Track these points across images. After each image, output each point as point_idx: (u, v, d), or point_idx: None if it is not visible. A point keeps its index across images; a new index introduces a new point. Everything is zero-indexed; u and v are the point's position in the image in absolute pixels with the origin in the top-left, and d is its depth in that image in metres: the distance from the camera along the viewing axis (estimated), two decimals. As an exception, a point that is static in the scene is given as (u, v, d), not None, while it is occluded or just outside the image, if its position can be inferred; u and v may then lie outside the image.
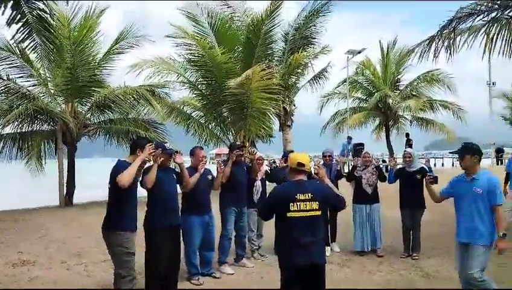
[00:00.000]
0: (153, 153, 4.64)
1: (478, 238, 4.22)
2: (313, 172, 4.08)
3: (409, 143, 22.14)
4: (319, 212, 3.69)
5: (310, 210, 3.64)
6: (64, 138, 13.79)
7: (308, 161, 3.86)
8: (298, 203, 3.63)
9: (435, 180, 4.78)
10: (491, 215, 4.23)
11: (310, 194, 3.66)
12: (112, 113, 15.00)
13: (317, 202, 3.67)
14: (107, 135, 14.86)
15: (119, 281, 4.35)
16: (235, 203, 6.44)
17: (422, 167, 7.07)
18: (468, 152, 4.38)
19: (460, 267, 4.44)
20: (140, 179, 4.78)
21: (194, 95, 17.02)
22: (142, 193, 4.92)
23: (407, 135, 23.71)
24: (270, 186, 6.10)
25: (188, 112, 17.47)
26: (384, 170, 22.23)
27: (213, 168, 6.46)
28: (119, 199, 4.35)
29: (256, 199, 6.84)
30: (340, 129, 26.28)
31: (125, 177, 4.20)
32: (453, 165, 36.73)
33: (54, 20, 9.73)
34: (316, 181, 4.07)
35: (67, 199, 13.55)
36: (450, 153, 6.49)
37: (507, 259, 6.43)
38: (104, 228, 4.46)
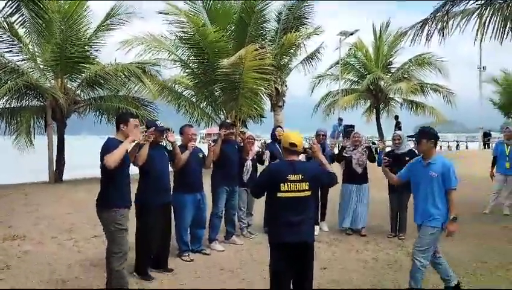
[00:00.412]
0: (144, 134, 4.64)
1: (429, 220, 4.36)
2: (306, 146, 4.10)
3: (398, 126, 22.30)
4: (309, 193, 3.73)
5: (300, 191, 3.68)
6: (53, 114, 13.68)
7: (300, 141, 3.87)
8: (289, 184, 3.67)
9: (390, 163, 4.88)
10: (445, 199, 4.34)
11: (301, 175, 3.70)
12: (102, 90, 14.87)
13: (307, 183, 3.71)
14: (97, 112, 14.76)
15: (111, 256, 4.39)
16: (227, 181, 6.49)
17: (411, 150, 7.15)
18: (425, 136, 4.45)
19: None
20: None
21: (186, 74, 16.86)
22: (134, 170, 4.93)
23: (396, 117, 23.81)
24: (261, 167, 6.17)
25: (179, 90, 17.34)
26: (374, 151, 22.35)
27: (204, 147, 6.47)
28: (112, 176, 4.32)
29: (245, 179, 6.89)
30: (331, 111, 26.35)
31: (111, 159, 4.15)
32: (441, 148, 37.26)
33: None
34: (308, 161, 4.11)
35: (56, 175, 13.51)
36: (408, 137, 6.65)
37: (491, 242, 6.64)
38: (98, 205, 4.45)
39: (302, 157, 4.03)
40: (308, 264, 3.80)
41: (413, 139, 4.63)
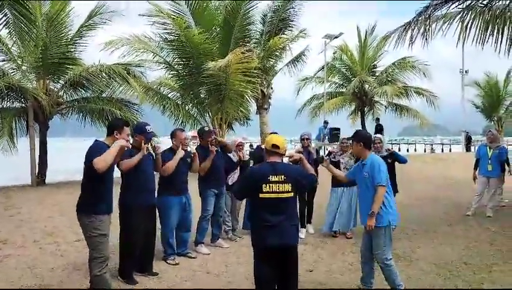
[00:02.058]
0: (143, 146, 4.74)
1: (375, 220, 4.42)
2: (287, 159, 4.14)
3: (378, 128, 22.45)
4: (291, 194, 3.72)
5: (282, 192, 3.67)
6: (36, 116, 13.44)
7: (283, 143, 3.87)
8: (270, 185, 3.66)
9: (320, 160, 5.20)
10: (386, 196, 4.42)
11: (283, 176, 3.69)
12: (85, 91, 14.63)
13: (290, 184, 3.70)
14: (81, 114, 14.53)
15: (91, 262, 4.31)
16: (215, 185, 6.46)
17: (393, 152, 7.24)
18: (355, 139, 4.63)
19: (362, 246, 4.77)
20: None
21: (171, 76, 16.75)
22: (116, 171, 4.85)
23: (377, 120, 24.03)
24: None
25: (164, 92, 17.21)
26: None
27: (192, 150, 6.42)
28: (95, 180, 4.22)
29: (231, 181, 6.88)
30: (316, 113, 26.48)
31: (101, 162, 4.06)
32: (425, 151, 37.74)
33: (24, -7, 9.35)
34: (290, 163, 4.12)
35: (39, 178, 13.27)
36: (346, 139, 6.84)
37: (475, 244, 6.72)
38: (78, 210, 4.34)
39: (285, 160, 4.03)
40: (292, 266, 3.79)
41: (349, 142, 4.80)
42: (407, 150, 35.96)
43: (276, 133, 7.47)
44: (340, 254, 6.33)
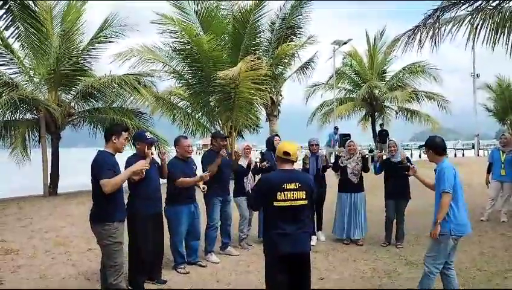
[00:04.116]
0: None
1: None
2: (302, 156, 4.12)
3: (383, 133, 22.26)
4: (305, 202, 3.70)
5: (297, 199, 3.66)
6: (48, 127, 13.61)
7: (295, 150, 3.84)
8: (285, 193, 3.64)
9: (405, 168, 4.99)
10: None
11: (297, 184, 3.67)
12: (96, 102, 14.81)
13: (304, 192, 3.69)
14: (92, 124, 14.68)
15: (107, 270, 4.32)
16: (220, 192, 6.43)
17: (407, 157, 7.15)
18: (426, 145, 4.55)
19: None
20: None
21: (180, 85, 16.85)
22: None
23: (381, 125, 23.85)
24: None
25: (174, 101, 17.32)
26: (370, 160, 22.25)
27: (198, 159, 6.43)
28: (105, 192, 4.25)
29: (248, 188, 6.84)
30: (326, 120, 26.37)
31: (110, 185, 4.14)
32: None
33: (36, 6, 9.51)
34: (303, 172, 4.10)
35: (51, 189, 13.40)
36: (419, 147, 6.68)
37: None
38: (92, 220, 4.36)
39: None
40: (305, 274, 3.76)
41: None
42: (419, 156, 35.58)
43: (278, 136, 7.47)
44: (352, 262, 6.25)
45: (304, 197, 3.69)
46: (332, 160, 21.44)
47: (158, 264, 5.42)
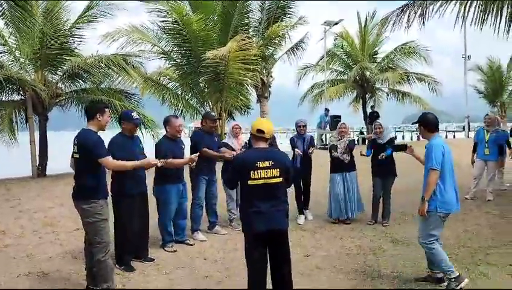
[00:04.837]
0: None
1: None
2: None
3: (374, 115, 22.36)
4: (280, 179, 3.71)
5: (270, 177, 3.66)
6: (35, 108, 13.43)
7: (269, 128, 3.83)
8: (259, 171, 3.65)
9: (402, 148, 4.92)
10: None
11: (270, 162, 3.68)
12: (84, 82, 14.59)
13: (277, 169, 3.69)
14: (80, 105, 14.49)
15: (93, 248, 4.31)
16: (206, 172, 6.44)
17: (392, 138, 7.23)
18: (419, 122, 4.56)
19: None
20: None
21: (169, 66, 16.68)
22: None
23: (372, 107, 23.96)
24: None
25: (163, 82, 17.16)
26: (361, 142, 22.33)
27: (187, 141, 6.40)
28: (91, 168, 4.26)
29: None
30: (318, 101, 26.28)
31: (114, 167, 4.50)
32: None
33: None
34: (277, 149, 4.10)
35: (39, 170, 13.30)
36: (412, 124, 6.58)
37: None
38: (75, 198, 4.35)
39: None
40: (283, 250, 3.80)
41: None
42: (411, 138, 35.71)
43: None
44: (339, 239, 6.32)
45: (278, 175, 3.69)
46: (323, 141, 21.58)
47: (144, 243, 5.44)
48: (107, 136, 4.76)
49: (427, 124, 4.48)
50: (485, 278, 4.61)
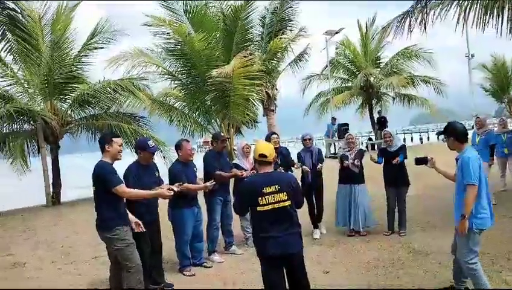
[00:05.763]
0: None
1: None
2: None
3: (381, 120, 22.36)
4: (288, 203, 3.69)
5: (278, 201, 3.66)
6: (46, 137, 13.61)
7: (271, 151, 3.84)
8: (266, 197, 3.64)
9: (423, 161, 4.75)
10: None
11: (277, 186, 3.67)
12: (93, 108, 14.79)
13: (285, 193, 3.68)
14: (90, 131, 14.68)
15: (126, 273, 4.39)
16: (221, 192, 6.48)
17: (403, 145, 7.19)
18: (446, 133, 4.29)
19: (453, 245, 4.42)
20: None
21: (175, 86, 16.85)
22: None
23: (379, 112, 23.91)
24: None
25: (170, 103, 17.30)
26: (370, 148, 22.23)
27: (200, 156, 6.46)
28: (108, 198, 4.36)
29: None
30: (324, 110, 26.26)
31: (128, 194, 4.47)
32: (438, 139, 37.00)
33: (24, 18, 9.54)
34: (283, 172, 4.09)
35: (54, 198, 13.43)
36: (437, 134, 6.38)
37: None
38: (99, 228, 4.45)
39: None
40: (299, 272, 3.80)
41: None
42: (421, 140, 35.43)
43: (275, 134, 7.43)
44: (356, 253, 6.29)
45: (286, 199, 3.68)
46: (331, 151, 21.53)
47: (159, 267, 5.44)
48: (123, 164, 4.84)
49: (458, 134, 4.20)
50: (507, 286, 4.56)
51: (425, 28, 8.20)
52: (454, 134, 4.22)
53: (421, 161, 4.77)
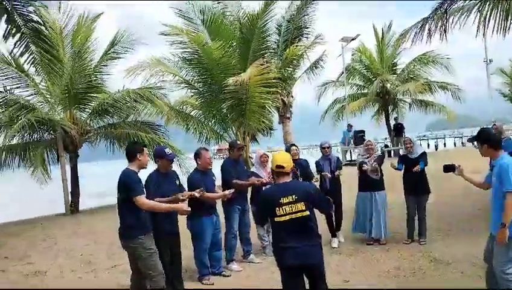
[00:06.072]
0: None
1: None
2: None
3: (398, 127, 22.18)
4: (307, 213, 3.66)
5: (296, 212, 3.64)
6: (65, 146, 13.83)
7: (288, 161, 3.83)
8: (284, 207, 3.63)
9: (451, 168, 4.69)
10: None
11: (294, 196, 3.65)
12: (111, 117, 15.01)
13: (302, 203, 3.65)
14: (108, 140, 14.88)
15: (150, 282, 4.43)
16: (239, 201, 6.47)
17: (424, 152, 7.09)
18: (479, 140, 4.18)
19: (486, 252, 4.30)
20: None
21: (192, 94, 16.99)
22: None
23: (396, 119, 23.76)
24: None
25: (186, 111, 17.45)
26: (387, 155, 21.99)
27: (216, 163, 6.49)
28: (132, 207, 4.39)
29: None
30: (339, 117, 26.16)
31: (147, 206, 4.42)
32: (455, 145, 36.69)
33: (47, 29, 9.77)
34: (300, 181, 4.09)
35: (72, 206, 13.60)
36: (468, 141, 6.26)
37: None
38: (122, 237, 4.50)
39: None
40: (318, 282, 3.79)
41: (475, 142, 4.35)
42: (436, 147, 35.03)
43: (295, 146, 7.41)
44: (375, 262, 6.22)
45: (304, 209, 3.65)
46: (348, 158, 21.42)
47: (178, 276, 5.43)
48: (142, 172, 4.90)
49: (492, 141, 4.11)
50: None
51: (445, 34, 8.15)
52: (487, 141, 4.13)
53: (449, 169, 4.71)
